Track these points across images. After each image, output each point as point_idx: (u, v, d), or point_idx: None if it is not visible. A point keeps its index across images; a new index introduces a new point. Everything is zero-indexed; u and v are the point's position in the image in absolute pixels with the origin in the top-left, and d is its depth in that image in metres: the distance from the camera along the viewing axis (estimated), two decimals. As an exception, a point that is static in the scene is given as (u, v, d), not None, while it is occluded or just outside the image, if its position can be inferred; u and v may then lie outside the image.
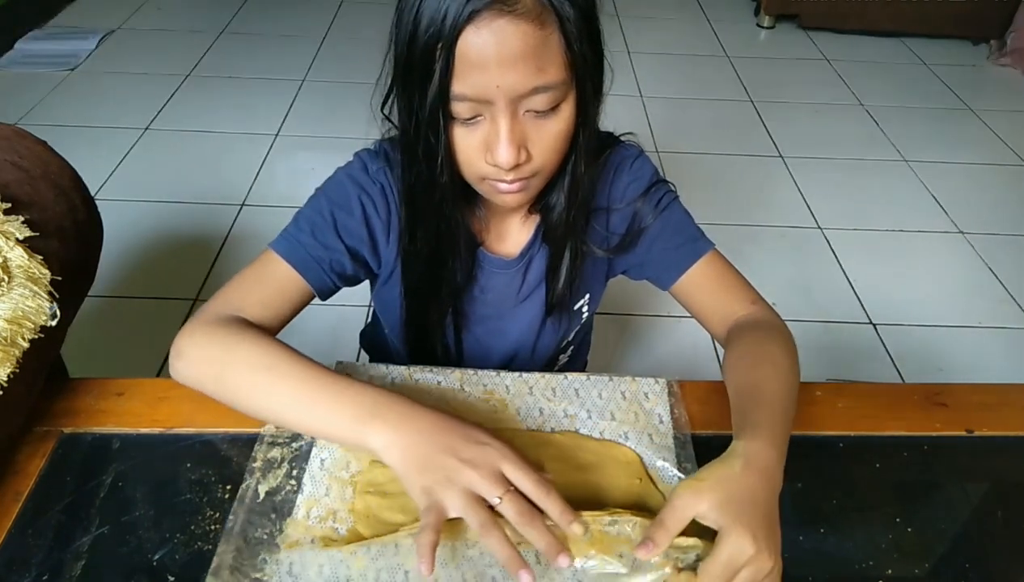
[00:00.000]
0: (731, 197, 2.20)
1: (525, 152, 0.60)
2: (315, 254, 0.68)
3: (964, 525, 0.65)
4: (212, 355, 0.62)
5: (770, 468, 0.55)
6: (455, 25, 0.53)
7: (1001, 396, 0.75)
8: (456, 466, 0.52)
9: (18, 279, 0.64)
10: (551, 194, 0.71)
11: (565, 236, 0.72)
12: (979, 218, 2.17)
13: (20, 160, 0.78)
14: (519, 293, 0.79)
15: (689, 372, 1.55)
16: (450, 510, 0.51)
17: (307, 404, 0.59)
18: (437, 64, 0.55)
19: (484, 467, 0.52)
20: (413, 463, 0.54)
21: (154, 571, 0.56)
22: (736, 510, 0.51)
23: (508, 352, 0.84)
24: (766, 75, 2.89)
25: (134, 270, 1.80)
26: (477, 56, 0.54)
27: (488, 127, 0.59)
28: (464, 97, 0.57)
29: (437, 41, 0.55)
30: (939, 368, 1.69)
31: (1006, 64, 3.02)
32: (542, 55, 0.56)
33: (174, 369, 0.64)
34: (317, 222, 0.69)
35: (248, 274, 0.69)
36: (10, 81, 2.52)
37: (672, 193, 0.77)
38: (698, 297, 0.76)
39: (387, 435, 0.55)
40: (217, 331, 0.63)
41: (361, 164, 0.73)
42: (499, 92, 0.56)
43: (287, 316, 0.69)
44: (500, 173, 0.61)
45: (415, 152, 0.63)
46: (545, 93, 0.57)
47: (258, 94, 2.55)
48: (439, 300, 0.75)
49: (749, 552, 0.50)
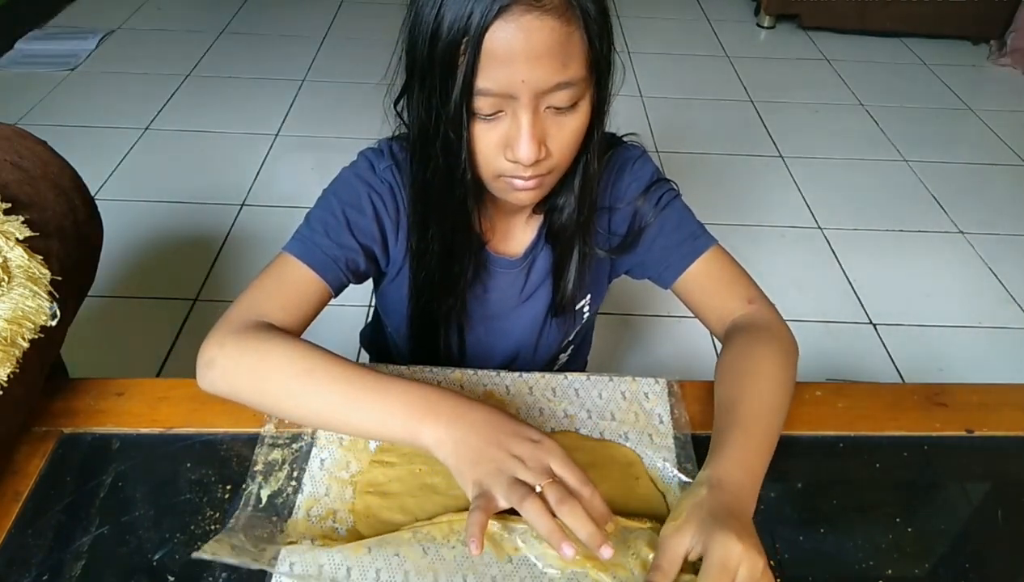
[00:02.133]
0: (731, 197, 2.19)
1: (544, 148, 0.60)
2: (331, 254, 0.68)
3: (964, 525, 0.65)
4: (247, 364, 0.61)
5: (735, 488, 0.56)
6: (483, 19, 0.54)
7: (1001, 396, 0.75)
8: (506, 458, 0.53)
9: (18, 279, 0.64)
10: (559, 195, 0.71)
11: (574, 236, 0.73)
12: (979, 218, 2.17)
13: (20, 160, 0.78)
14: (522, 293, 0.79)
15: (689, 372, 1.55)
16: (499, 498, 0.51)
17: (356, 405, 0.58)
18: (462, 59, 0.56)
19: (533, 460, 0.53)
20: (465, 457, 0.54)
21: (154, 571, 0.56)
22: (712, 523, 0.52)
23: (510, 351, 0.84)
24: (766, 75, 2.89)
25: (134, 270, 1.80)
26: (505, 51, 0.55)
27: (509, 123, 0.59)
28: (488, 92, 0.57)
29: (463, 36, 0.55)
30: (939, 368, 1.69)
31: (1006, 64, 3.02)
32: (566, 51, 0.56)
33: (207, 380, 0.62)
34: (330, 222, 0.69)
35: (266, 279, 0.68)
36: (10, 81, 2.52)
37: (673, 191, 0.77)
38: (698, 295, 0.76)
39: (440, 431, 0.55)
40: (248, 339, 0.62)
41: (367, 163, 0.73)
42: (524, 87, 0.56)
43: (309, 318, 0.69)
44: (518, 169, 0.61)
45: (432, 150, 0.63)
46: (567, 89, 0.58)
47: (258, 94, 2.56)
48: (446, 299, 0.75)
49: (738, 550, 0.50)
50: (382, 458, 0.63)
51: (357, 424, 0.59)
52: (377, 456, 0.63)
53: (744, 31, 3.25)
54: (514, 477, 0.52)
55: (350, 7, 3.20)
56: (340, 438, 0.65)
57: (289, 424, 0.66)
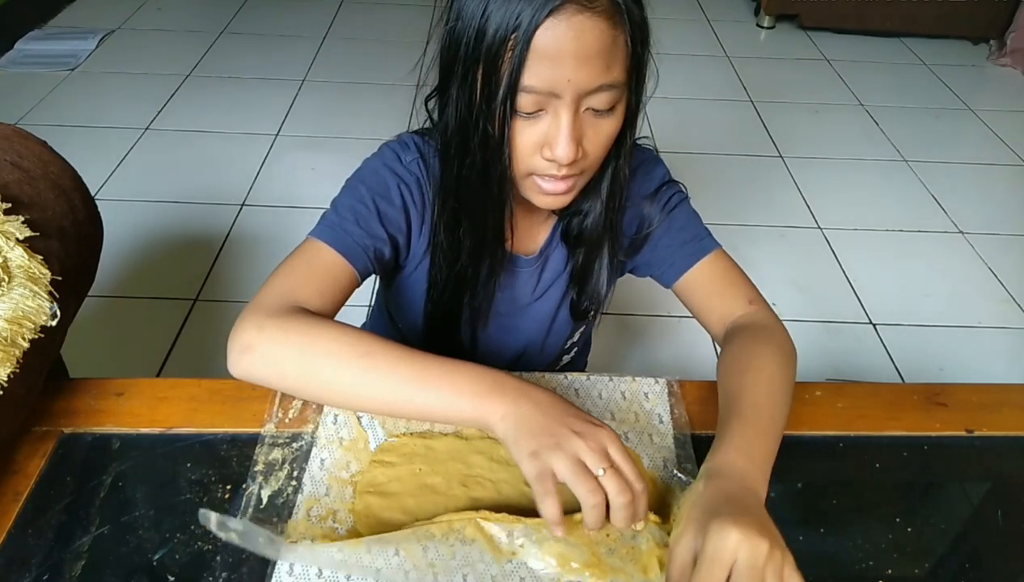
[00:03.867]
0: (731, 197, 2.19)
1: (582, 149, 0.61)
2: (361, 242, 0.68)
3: (964, 525, 0.65)
4: (294, 347, 0.60)
5: (735, 474, 0.56)
6: (535, 17, 0.54)
7: (1001, 396, 0.75)
8: (567, 435, 0.53)
9: (18, 279, 0.64)
10: (583, 200, 0.71)
11: (602, 240, 0.73)
12: (979, 218, 2.17)
13: (20, 160, 0.78)
14: (534, 291, 0.80)
15: (689, 372, 1.55)
16: (559, 473, 0.51)
17: (421, 386, 0.58)
18: (509, 55, 0.56)
19: (593, 440, 0.53)
20: (526, 431, 0.54)
21: (154, 571, 0.56)
22: (707, 515, 0.51)
23: (519, 349, 0.84)
24: (766, 75, 2.89)
25: (134, 270, 1.80)
26: (555, 49, 0.55)
27: (549, 121, 0.60)
28: (532, 89, 0.57)
29: (512, 32, 0.55)
30: (939, 368, 1.69)
31: (1006, 64, 3.02)
32: (612, 54, 0.57)
33: (244, 363, 0.60)
34: (360, 210, 0.69)
35: (296, 264, 0.67)
36: (10, 81, 2.52)
37: (682, 194, 0.78)
38: (698, 296, 0.76)
39: (506, 407, 0.56)
40: (291, 322, 0.61)
41: (394, 154, 0.73)
42: (569, 86, 0.57)
43: (340, 303, 0.68)
44: (552, 168, 0.62)
45: (470, 146, 0.63)
46: (608, 92, 0.59)
47: (258, 94, 2.56)
48: (470, 295, 0.75)
49: (733, 537, 0.48)
50: (382, 458, 0.63)
51: (422, 404, 0.59)
52: (377, 456, 0.63)
53: (744, 31, 3.25)
54: (576, 457, 0.52)
55: (350, 7, 3.20)
56: (340, 438, 0.65)
57: (289, 424, 0.66)
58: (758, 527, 0.49)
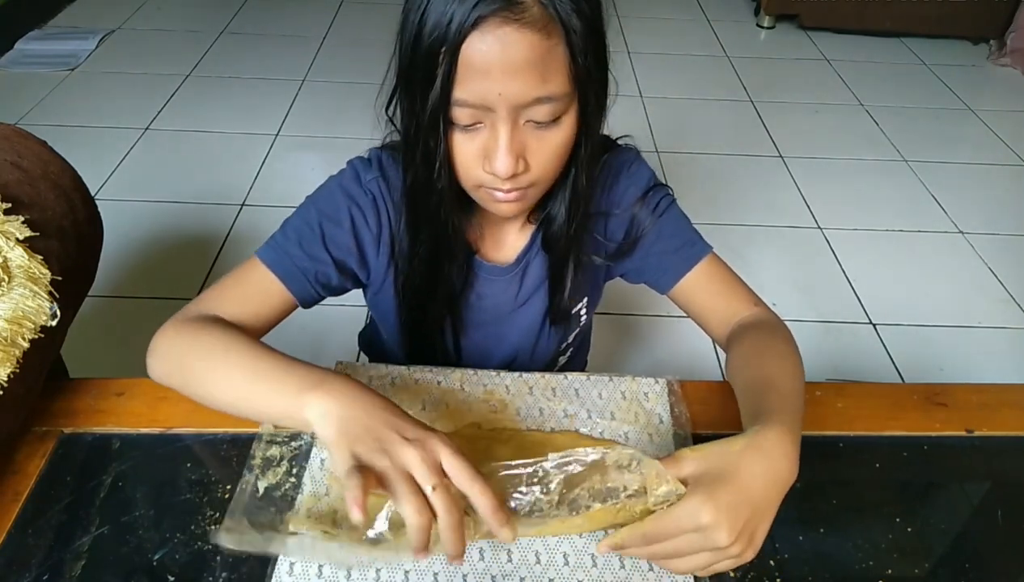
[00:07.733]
0: (731, 197, 2.19)
1: (523, 162, 0.59)
2: (300, 265, 0.68)
3: (964, 525, 0.65)
4: (178, 348, 0.62)
5: (775, 450, 0.53)
6: (460, 30, 0.53)
7: (1001, 396, 0.75)
8: (396, 440, 0.49)
9: (18, 279, 0.64)
10: (551, 204, 0.70)
11: (567, 247, 0.72)
12: (979, 218, 2.17)
13: (20, 160, 0.78)
14: (516, 299, 0.79)
15: (689, 372, 1.55)
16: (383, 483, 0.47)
17: (252, 380, 0.57)
18: (440, 68, 0.55)
19: (425, 450, 0.49)
20: (351, 432, 0.50)
21: (154, 571, 0.56)
22: (709, 482, 0.50)
23: (507, 356, 0.83)
24: (766, 75, 2.89)
25: (134, 270, 1.80)
26: (481, 62, 0.54)
27: (487, 135, 0.58)
28: (465, 103, 0.56)
29: (441, 45, 0.54)
30: (939, 368, 1.69)
31: (1006, 64, 3.02)
32: (546, 66, 0.55)
33: (148, 367, 0.63)
34: (304, 232, 0.69)
35: (230, 279, 0.68)
36: (10, 81, 2.52)
37: (670, 197, 0.77)
38: (698, 300, 0.76)
39: (327, 404, 0.52)
40: (187, 327, 0.63)
41: (354, 173, 0.72)
42: (500, 100, 0.55)
43: (269, 322, 0.68)
44: (497, 182, 0.60)
45: (414, 155, 0.62)
46: (547, 104, 0.57)
47: (258, 94, 2.56)
48: (436, 305, 0.75)
49: (702, 520, 0.48)
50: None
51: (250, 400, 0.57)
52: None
53: (744, 31, 3.25)
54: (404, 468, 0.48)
55: (350, 7, 3.20)
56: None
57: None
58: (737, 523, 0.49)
